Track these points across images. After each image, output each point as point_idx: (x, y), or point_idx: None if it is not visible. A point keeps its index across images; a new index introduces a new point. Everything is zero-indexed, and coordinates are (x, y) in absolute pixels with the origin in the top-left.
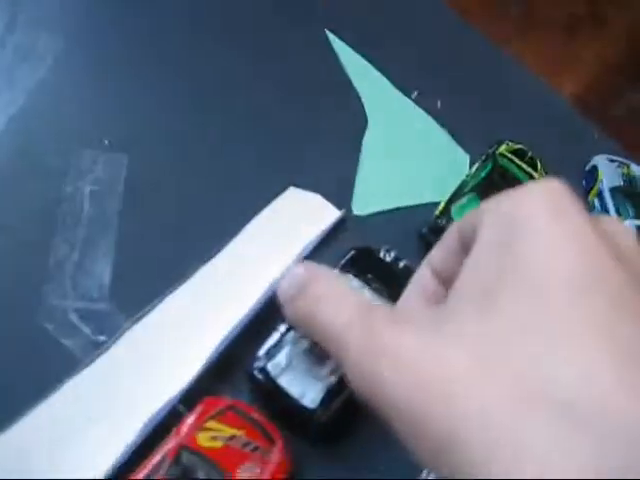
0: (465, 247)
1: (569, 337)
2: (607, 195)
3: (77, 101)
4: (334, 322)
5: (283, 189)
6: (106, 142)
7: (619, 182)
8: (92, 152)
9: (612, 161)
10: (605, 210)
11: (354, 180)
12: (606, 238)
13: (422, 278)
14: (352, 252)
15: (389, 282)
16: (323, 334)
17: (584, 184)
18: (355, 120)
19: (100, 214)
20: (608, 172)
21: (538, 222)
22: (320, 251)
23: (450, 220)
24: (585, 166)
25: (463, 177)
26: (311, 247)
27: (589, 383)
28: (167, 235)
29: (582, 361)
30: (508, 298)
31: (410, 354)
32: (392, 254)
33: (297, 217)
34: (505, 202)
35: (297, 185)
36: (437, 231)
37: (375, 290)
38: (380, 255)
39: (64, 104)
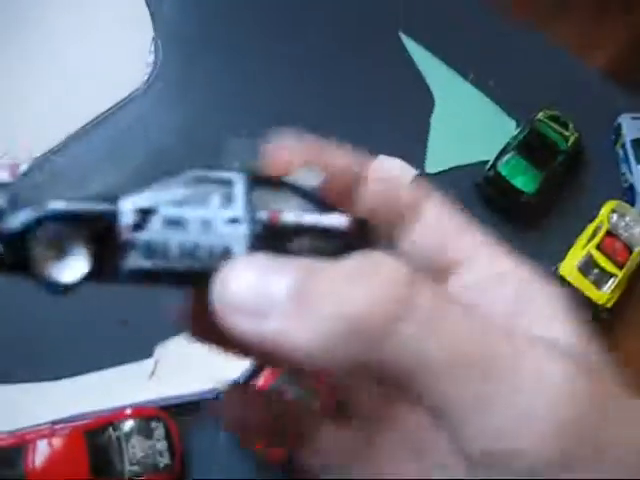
0: None
1: None
2: (629, 145)
3: (223, 104)
4: None
5: (373, 155)
6: (244, 132)
7: (639, 135)
8: (236, 140)
9: (634, 119)
10: (626, 157)
11: (426, 146)
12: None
13: None
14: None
15: None
16: None
17: (612, 138)
18: (424, 100)
19: None
20: (630, 127)
21: None
22: None
23: (497, 172)
24: (613, 123)
25: (508, 139)
26: None
27: None
28: None
29: None
30: None
31: None
32: None
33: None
34: None
35: (383, 152)
36: (488, 181)
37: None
38: None
39: (216, 107)
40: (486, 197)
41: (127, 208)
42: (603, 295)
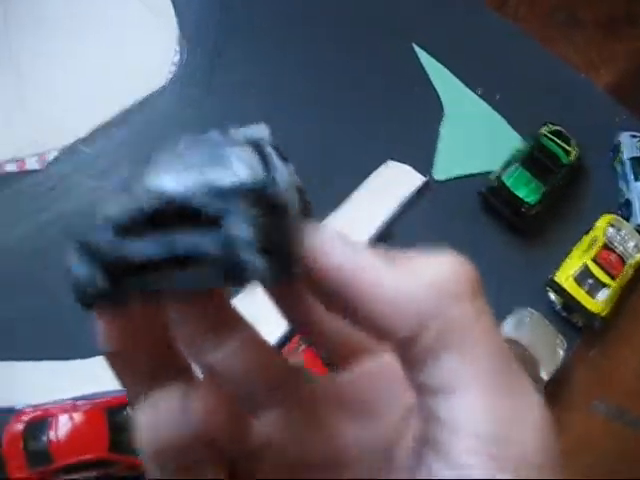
0: None
1: None
2: (627, 162)
3: (244, 102)
4: None
5: (384, 161)
6: None
7: (637, 153)
8: None
9: (633, 137)
10: (624, 174)
11: (434, 155)
12: None
13: None
14: None
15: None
16: None
17: (611, 155)
18: (434, 111)
19: None
20: (629, 145)
21: None
22: (410, 206)
23: (501, 183)
24: (613, 141)
25: (512, 152)
26: (402, 204)
27: None
28: None
29: None
30: None
31: None
32: None
33: (393, 182)
34: None
35: (393, 158)
36: (492, 191)
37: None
38: None
39: (237, 104)
40: (489, 206)
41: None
42: (597, 304)
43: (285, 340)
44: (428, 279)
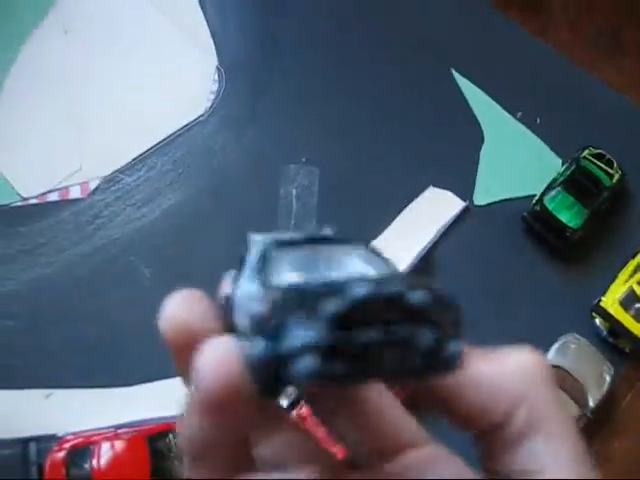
0: None
1: None
2: None
3: (284, 131)
4: None
5: (424, 187)
6: (303, 159)
7: None
8: (295, 166)
9: None
10: None
11: (475, 179)
12: None
13: None
14: None
15: None
16: None
17: None
18: (474, 135)
19: (302, 208)
20: None
21: None
22: (451, 231)
23: (543, 207)
24: None
25: (554, 175)
26: (443, 230)
27: None
28: (343, 223)
29: None
30: None
31: None
32: None
33: (434, 208)
34: None
35: (434, 184)
36: (534, 215)
37: None
38: None
39: (277, 133)
40: (532, 230)
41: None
42: None
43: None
44: (514, 365)
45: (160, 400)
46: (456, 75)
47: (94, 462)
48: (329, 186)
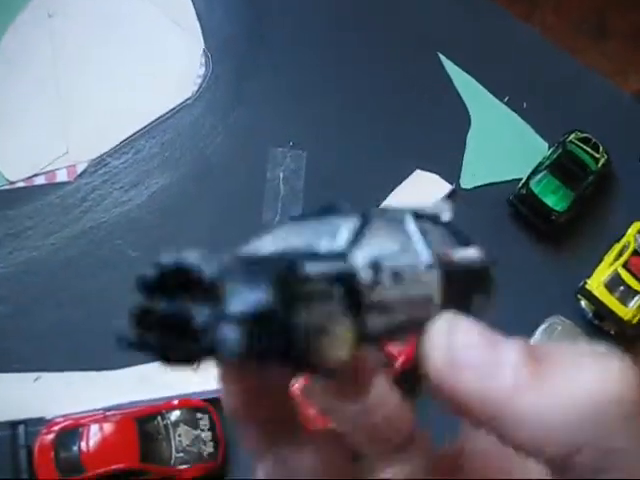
0: None
1: None
2: None
3: (270, 115)
4: None
5: (411, 170)
6: (290, 143)
7: None
8: (282, 150)
9: None
10: None
11: (461, 163)
12: None
13: None
14: None
15: None
16: None
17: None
18: (461, 119)
19: (290, 192)
20: None
21: None
22: None
23: (529, 190)
24: None
25: (541, 159)
26: None
27: None
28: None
29: None
30: None
31: None
32: None
33: (420, 191)
34: None
35: (421, 167)
36: (520, 198)
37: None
38: None
39: (263, 117)
40: (518, 213)
41: (361, 264)
42: (628, 311)
43: None
44: (585, 397)
45: (149, 383)
46: (443, 59)
47: (83, 444)
48: (316, 169)
